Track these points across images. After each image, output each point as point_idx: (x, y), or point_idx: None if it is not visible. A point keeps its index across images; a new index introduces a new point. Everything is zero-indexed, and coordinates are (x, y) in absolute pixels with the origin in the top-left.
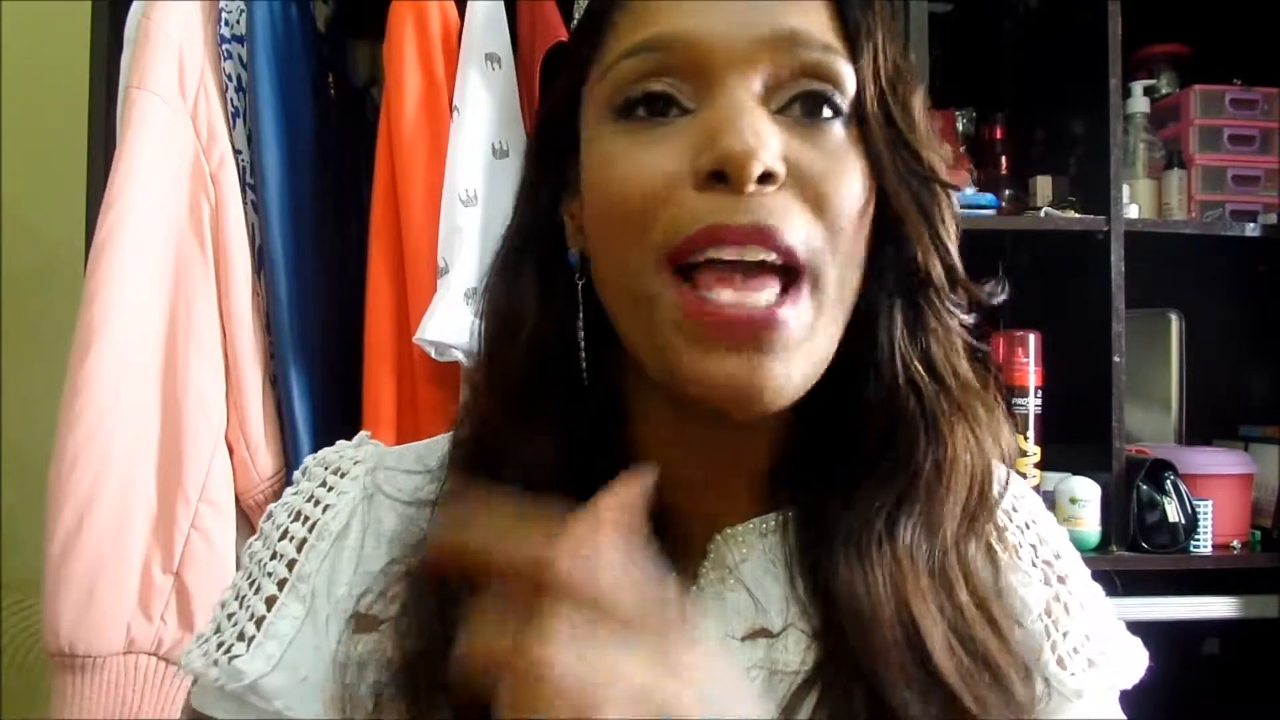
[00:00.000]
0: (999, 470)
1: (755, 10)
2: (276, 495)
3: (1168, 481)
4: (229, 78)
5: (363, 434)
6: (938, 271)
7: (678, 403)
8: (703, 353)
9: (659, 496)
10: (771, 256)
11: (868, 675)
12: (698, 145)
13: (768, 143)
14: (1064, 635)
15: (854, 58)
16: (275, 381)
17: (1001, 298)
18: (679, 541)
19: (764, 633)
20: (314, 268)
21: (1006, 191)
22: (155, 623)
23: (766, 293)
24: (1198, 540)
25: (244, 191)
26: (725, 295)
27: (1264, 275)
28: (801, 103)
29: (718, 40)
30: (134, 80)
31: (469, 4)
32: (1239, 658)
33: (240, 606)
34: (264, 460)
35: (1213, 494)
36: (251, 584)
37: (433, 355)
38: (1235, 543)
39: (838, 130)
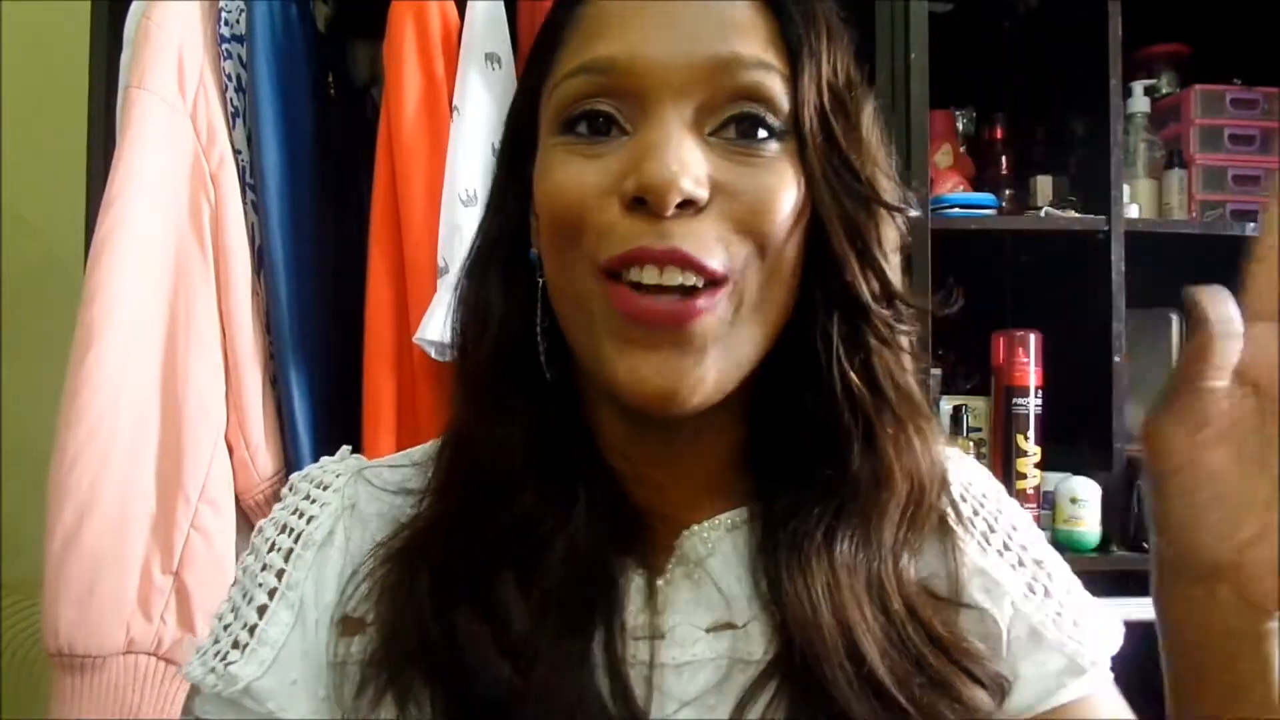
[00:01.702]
0: (963, 463)
1: (693, 36)
2: (276, 495)
3: None
4: (229, 78)
5: (344, 449)
6: (871, 289)
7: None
8: (625, 352)
9: (627, 494)
10: (691, 280)
11: (815, 676)
12: (625, 169)
13: (690, 169)
14: (1035, 611)
15: (794, 74)
16: (275, 381)
17: (955, 307)
18: (647, 538)
19: (729, 625)
20: (314, 268)
21: (1006, 191)
22: (155, 623)
23: (686, 300)
24: None
25: (244, 191)
26: (647, 297)
27: None
28: (736, 124)
29: (653, 66)
30: (134, 80)
31: (469, 4)
32: None
33: (234, 617)
34: (264, 460)
35: None
36: (244, 596)
37: (433, 355)
38: None
39: (773, 149)
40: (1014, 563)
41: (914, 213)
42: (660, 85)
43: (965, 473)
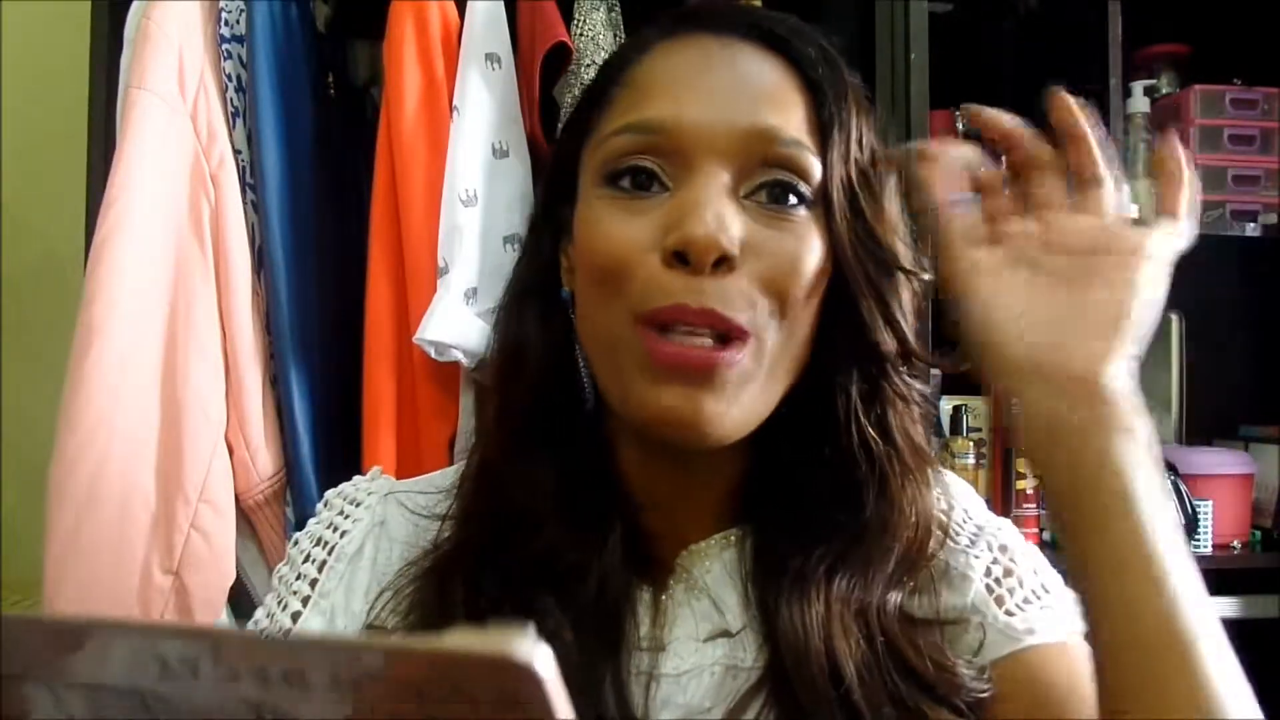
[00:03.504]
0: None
1: (735, 107)
2: (277, 495)
3: (1168, 481)
4: (229, 78)
5: (375, 469)
6: (890, 347)
7: (644, 436)
8: (656, 388)
9: (642, 521)
10: (718, 334)
11: (799, 697)
12: (668, 224)
13: (728, 228)
14: (1009, 592)
15: (824, 151)
16: (275, 381)
17: (965, 367)
18: (652, 558)
19: (724, 634)
20: (314, 268)
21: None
22: None
23: (714, 351)
24: (1198, 540)
25: (244, 191)
26: (679, 339)
27: (1264, 275)
28: (768, 190)
29: (698, 131)
30: (134, 80)
31: (469, 4)
32: (1239, 658)
33: (270, 621)
34: (264, 460)
35: (1213, 494)
36: (279, 603)
37: (433, 355)
38: (1235, 543)
39: (801, 215)
40: (979, 552)
41: (928, 276)
42: (702, 148)
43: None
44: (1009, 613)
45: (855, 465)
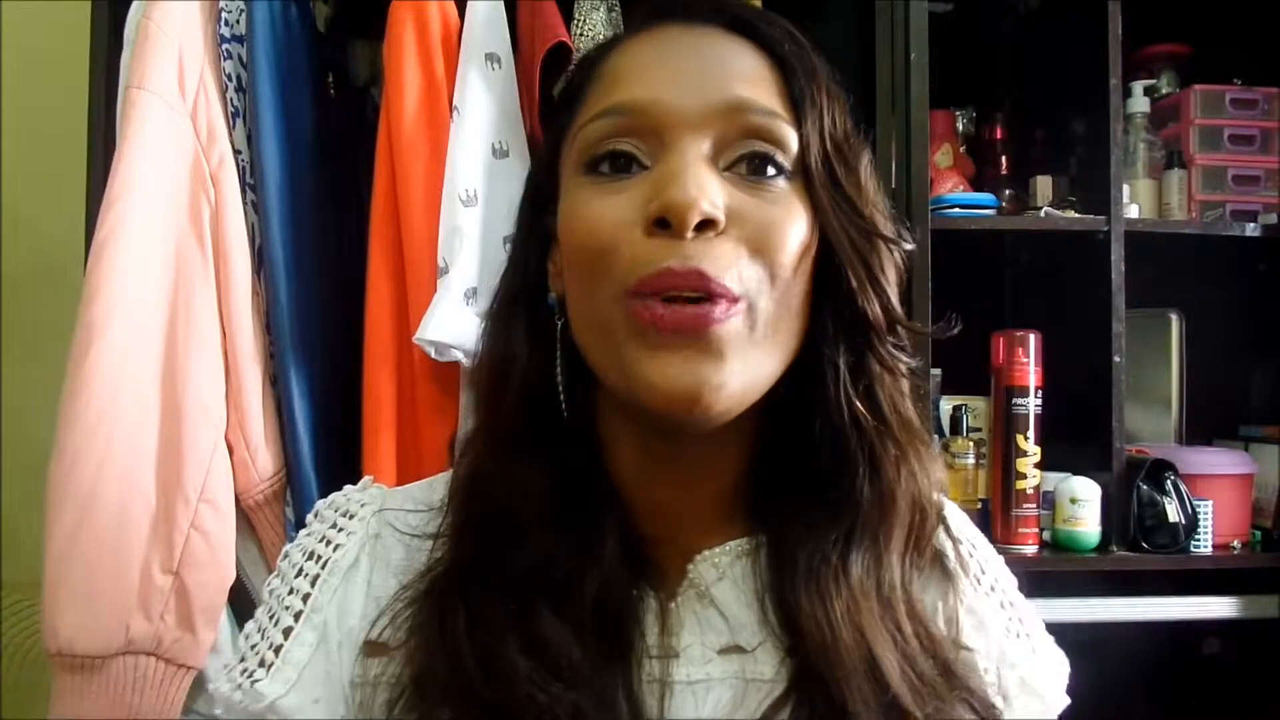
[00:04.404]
0: (952, 510)
1: (708, 82)
2: (277, 495)
3: (1168, 481)
4: (229, 78)
5: (367, 479)
6: (876, 314)
7: (644, 429)
8: (651, 356)
9: (639, 525)
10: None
11: (834, 697)
12: (648, 195)
13: (709, 193)
14: (1021, 658)
15: (798, 123)
16: (275, 381)
17: (955, 331)
18: (659, 565)
19: (737, 648)
20: (314, 268)
21: (1006, 191)
22: (155, 622)
23: (704, 306)
24: (1198, 540)
25: (244, 191)
26: (670, 307)
27: (1264, 275)
28: (747, 161)
29: (673, 107)
30: (134, 80)
31: (469, 4)
32: (1239, 658)
33: (261, 637)
34: (264, 460)
35: (1213, 494)
36: (271, 617)
37: (433, 355)
38: (1235, 543)
39: (781, 185)
40: (998, 604)
41: (910, 246)
42: (678, 123)
43: (955, 519)
44: (1037, 695)
45: (845, 440)
